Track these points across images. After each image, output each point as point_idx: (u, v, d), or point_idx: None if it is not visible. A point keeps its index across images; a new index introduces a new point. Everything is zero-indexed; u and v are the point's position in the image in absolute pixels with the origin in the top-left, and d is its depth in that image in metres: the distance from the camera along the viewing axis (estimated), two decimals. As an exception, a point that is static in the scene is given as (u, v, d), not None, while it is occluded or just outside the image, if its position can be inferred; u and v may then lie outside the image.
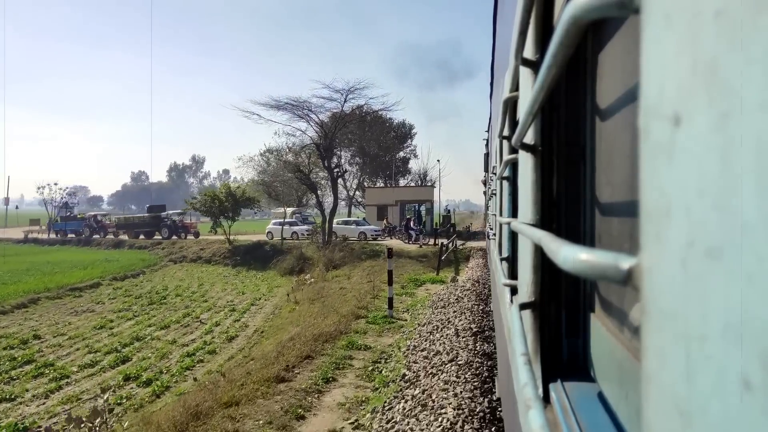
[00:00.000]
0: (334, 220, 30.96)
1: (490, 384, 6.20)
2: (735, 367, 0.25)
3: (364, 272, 18.77)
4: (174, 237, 37.39)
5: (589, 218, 1.24)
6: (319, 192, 35.12)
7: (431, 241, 26.16)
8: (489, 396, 5.80)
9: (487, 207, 11.10)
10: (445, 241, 23.28)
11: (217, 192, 31.99)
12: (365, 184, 51.70)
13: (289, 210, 39.88)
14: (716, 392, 0.26)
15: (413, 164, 60.76)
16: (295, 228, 33.07)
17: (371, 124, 48.41)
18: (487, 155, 13.32)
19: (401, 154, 55.65)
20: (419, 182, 49.66)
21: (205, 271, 27.33)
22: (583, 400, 1.06)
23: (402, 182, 51.53)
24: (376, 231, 30.71)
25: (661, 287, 0.34)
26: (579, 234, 1.26)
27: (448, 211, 38.41)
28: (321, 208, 30.13)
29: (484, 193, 13.03)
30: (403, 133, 55.37)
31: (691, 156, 0.30)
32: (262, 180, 43.67)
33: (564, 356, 1.28)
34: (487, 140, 13.43)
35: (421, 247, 25.27)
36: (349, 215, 48.26)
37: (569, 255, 0.49)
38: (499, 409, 5.30)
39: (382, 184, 50.28)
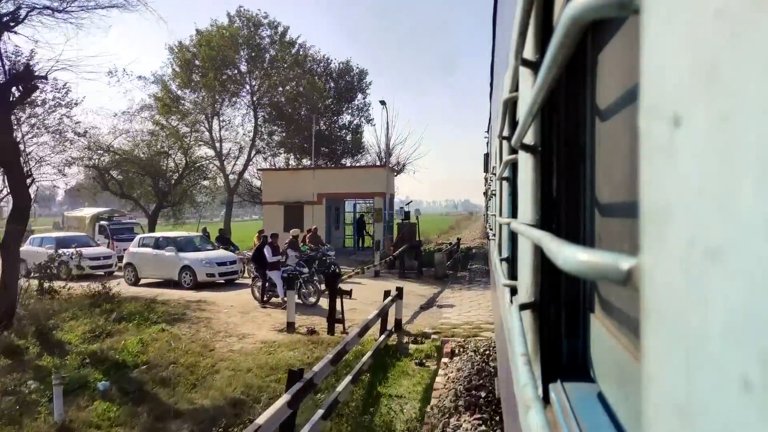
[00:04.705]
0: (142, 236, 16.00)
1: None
2: (735, 367, 0.25)
3: None
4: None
5: (589, 218, 1.24)
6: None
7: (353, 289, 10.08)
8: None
9: (487, 208, 11.09)
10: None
11: None
12: (257, 160, 29.32)
13: (92, 211, 22.40)
14: (716, 392, 0.26)
15: (369, 137, 34.06)
16: (85, 250, 15.73)
17: (282, 60, 28.32)
18: (486, 155, 13.31)
19: (346, 117, 31.13)
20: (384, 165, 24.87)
21: None
22: (582, 401, 1.06)
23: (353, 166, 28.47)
24: (213, 263, 14.04)
25: (661, 288, 0.34)
26: (579, 234, 1.26)
27: (407, 216, 19.16)
28: None
29: (484, 193, 13.01)
30: (349, 84, 30.58)
31: (691, 156, 0.30)
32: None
33: (564, 357, 1.28)
34: (488, 141, 13.42)
35: (289, 331, 8.92)
36: (227, 221, 27.86)
37: (569, 255, 0.49)
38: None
39: (304, 164, 27.48)
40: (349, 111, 31.68)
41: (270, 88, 28.98)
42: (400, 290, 8.95)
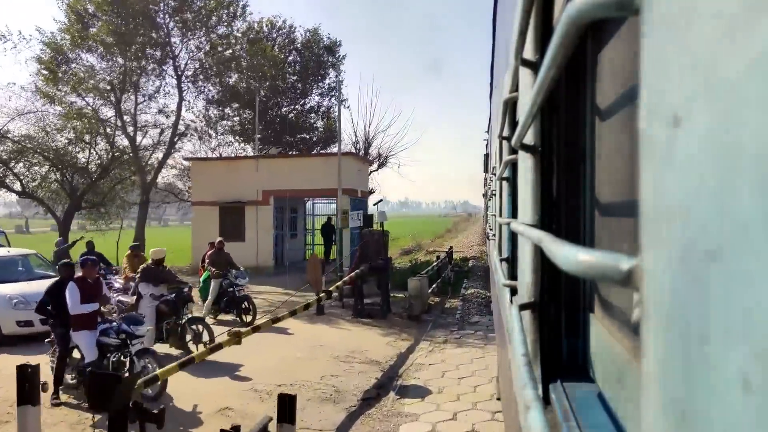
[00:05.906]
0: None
1: None
2: (735, 368, 0.25)
3: None
4: None
5: (589, 219, 1.24)
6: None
7: None
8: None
9: (486, 208, 11.07)
10: None
11: None
12: (205, 152, 22.38)
13: None
14: (716, 392, 0.26)
15: (346, 124, 25.93)
16: None
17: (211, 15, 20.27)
18: (486, 156, 13.29)
19: (314, 98, 24.07)
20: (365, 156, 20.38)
21: None
22: (583, 401, 1.06)
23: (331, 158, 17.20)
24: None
25: (661, 288, 0.34)
26: (579, 234, 1.26)
27: (369, 221, 14.10)
28: None
29: (484, 195, 12.94)
30: (317, 57, 23.59)
31: (691, 156, 0.30)
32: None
33: (564, 356, 1.28)
34: (488, 141, 13.39)
35: None
36: (140, 227, 20.57)
37: (569, 255, 0.49)
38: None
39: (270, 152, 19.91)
40: (319, 91, 23.98)
41: (198, 49, 21.06)
42: (287, 408, 3.60)
